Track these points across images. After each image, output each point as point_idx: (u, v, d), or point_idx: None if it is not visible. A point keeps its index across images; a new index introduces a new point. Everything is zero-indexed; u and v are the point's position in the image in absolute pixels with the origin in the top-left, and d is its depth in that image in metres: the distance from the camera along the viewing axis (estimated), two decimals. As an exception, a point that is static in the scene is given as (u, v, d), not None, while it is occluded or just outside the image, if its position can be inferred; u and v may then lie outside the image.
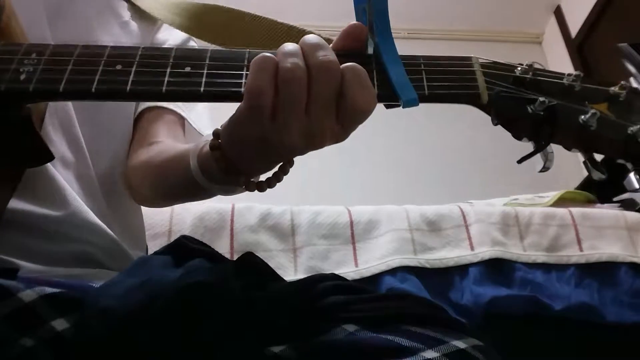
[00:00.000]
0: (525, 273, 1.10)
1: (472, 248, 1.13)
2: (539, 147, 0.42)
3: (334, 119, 0.39)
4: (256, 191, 0.47)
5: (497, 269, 1.11)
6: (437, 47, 2.92)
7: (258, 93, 0.38)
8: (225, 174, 0.46)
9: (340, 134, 0.41)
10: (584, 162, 0.43)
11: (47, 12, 0.56)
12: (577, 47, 2.74)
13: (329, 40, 0.43)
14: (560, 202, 1.47)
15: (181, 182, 0.52)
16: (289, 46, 0.40)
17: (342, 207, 1.19)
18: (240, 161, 0.44)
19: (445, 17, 2.98)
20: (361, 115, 0.40)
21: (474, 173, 2.57)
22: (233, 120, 0.42)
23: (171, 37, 0.73)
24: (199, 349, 0.40)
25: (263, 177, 0.48)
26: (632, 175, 0.42)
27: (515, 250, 1.14)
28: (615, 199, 1.59)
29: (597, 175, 0.42)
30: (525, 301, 1.05)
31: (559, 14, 2.94)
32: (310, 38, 0.40)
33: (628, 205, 1.45)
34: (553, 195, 1.52)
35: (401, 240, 1.11)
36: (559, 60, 2.89)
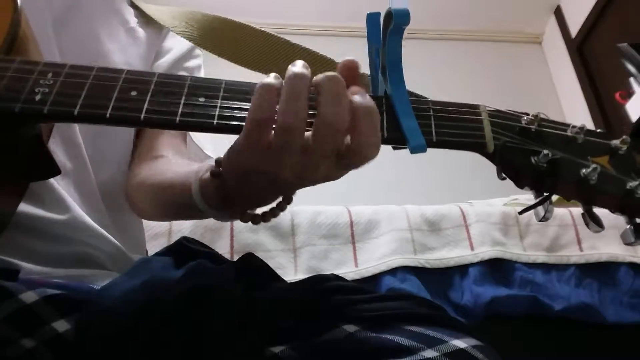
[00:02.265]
0: (525, 273, 1.10)
1: (472, 248, 1.13)
2: (542, 200, 0.43)
3: (333, 163, 0.39)
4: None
5: (497, 269, 1.11)
6: (438, 47, 2.93)
7: (258, 120, 0.37)
8: (222, 203, 0.45)
9: (335, 175, 0.41)
10: (582, 215, 0.44)
11: (53, 19, 0.56)
12: (577, 47, 2.74)
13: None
14: (561, 202, 1.47)
15: (181, 204, 0.51)
16: (297, 87, 0.37)
17: (342, 207, 1.19)
18: (237, 191, 0.43)
19: (445, 17, 2.97)
20: (362, 162, 0.39)
21: (474, 173, 2.57)
22: (233, 148, 0.41)
23: (178, 45, 0.72)
24: (200, 350, 0.40)
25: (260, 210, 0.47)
26: (628, 228, 0.43)
27: (515, 250, 1.14)
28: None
29: (595, 229, 0.43)
30: (525, 301, 1.05)
31: (559, 14, 2.94)
32: (331, 88, 0.37)
33: (627, 242, 1.45)
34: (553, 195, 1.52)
35: (401, 240, 1.12)
36: (559, 60, 2.89)
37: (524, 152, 0.43)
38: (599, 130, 0.45)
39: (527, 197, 1.60)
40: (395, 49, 0.42)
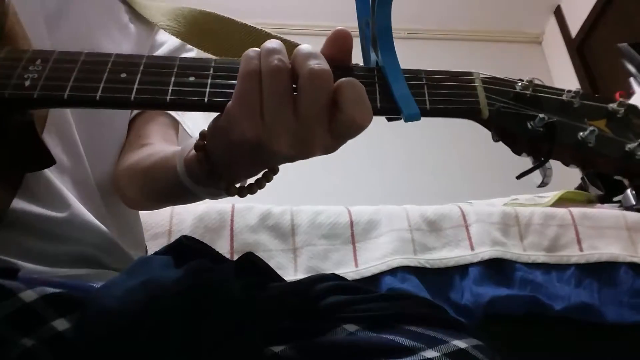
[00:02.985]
0: (525, 273, 1.10)
1: (472, 248, 1.13)
2: (538, 164, 0.43)
3: (326, 129, 0.39)
4: (236, 196, 0.46)
5: (497, 269, 1.11)
6: (437, 47, 2.93)
7: (245, 90, 0.37)
8: (207, 177, 0.45)
9: (330, 146, 0.40)
10: (582, 178, 0.44)
11: (46, 15, 0.56)
12: (577, 47, 2.74)
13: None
14: (560, 202, 1.47)
15: (168, 184, 0.52)
16: (272, 43, 0.39)
17: (342, 207, 1.19)
18: (223, 164, 0.44)
19: (445, 17, 2.98)
20: (355, 130, 0.39)
21: (474, 173, 2.57)
22: (220, 120, 0.41)
23: (170, 39, 0.73)
24: (200, 350, 0.40)
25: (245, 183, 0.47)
26: (629, 191, 0.43)
27: (515, 250, 1.14)
28: (615, 199, 1.59)
29: (595, 191, 0.43)
30: (525, 301, 1.05)
31: (559, 14, 2.94)
32: (304, 47, 0.40)
33: (628, 208, 1.45)
34: (553, 195, 1.52)
35: (401, 240, 1.12)
36: (559, 60, 2.89)
37: (520, 117, 0.43)
38: (595, 95, 0.45)
39: (527, 196, 1.60)
40: (384, 17, 0.42)
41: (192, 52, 0.74)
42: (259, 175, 0.46)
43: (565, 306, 1.05)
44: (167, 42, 0.73)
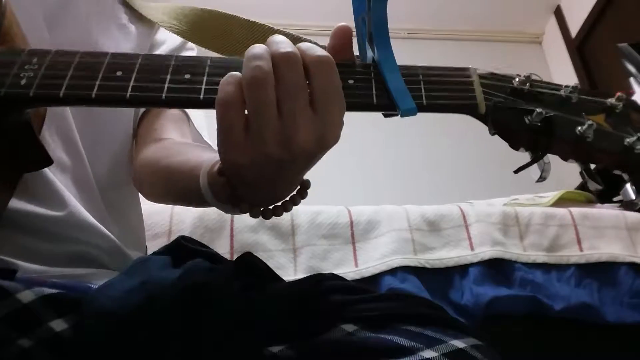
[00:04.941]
0: (525, 273, 1.10)
1: (472, 248, 1.13)
2: (536, 158, 0.43)
3: (308, 113, 0.37)
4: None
5: (497, 269, 1.11)
6: (437, 47, 2.93)
7: (225, 105, 0.37)
8: (229, 199, 0.45)
9: (323, 130, 0.38)
10: (581, 173, 0.44)
11: (45, 15, 0.56)
12: (577, 47, 2.74)
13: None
14: (560, 202, 1.47)
15: (190, 192, 0.51)
16: (255, 49, 0.38)
17: (342, 207, 1.19)
18: (241, 188, 0.43)
19: (445, 17, 2.98)
20: (333, 95, 0.38)
21: (474, 173, 2.57)
22: (218, 150, 0.40)
23: (171, 37, 0.73)
24: (199, 350, 0.40)
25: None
26: (628, 186, 0.43)
27: (515, 250, 1.14)
28: (615, 199, 1.59)
29: (594, 186, 0.43)
30: (525, 301, 1.05)
31: (559, 14, 2.94)
32: (273, 37, 0.39)
33: (628, 205, 1.45)
34: (553, 195, 1.52)
35: (401, 240, 1.11)
36: (559, 60, 2.89)
37: (517, 111, 0.42)
38: (593, 89, 0.45)
39: (527, 197, 1.60)
40: (380, 13, 0.42)
41: (193, 51, 0.75)
42: (287, 199, 0.45)
43: (565, 306, 1.05)
44: (167, 42, 0.73)
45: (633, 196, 0.42)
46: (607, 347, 1.09)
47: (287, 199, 0.45)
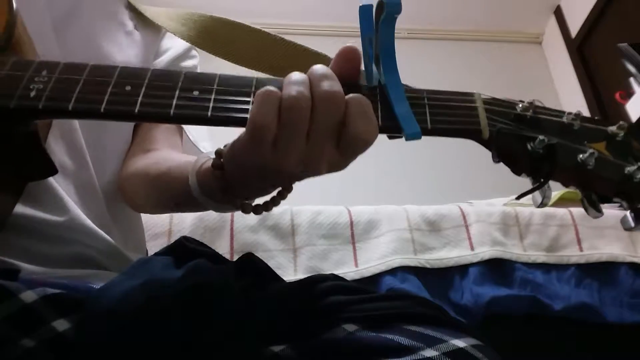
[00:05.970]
0: (525, 273, 1.10)
1: (472, 248, 1.13)
2: (538, 186, 0.43)
3: (334, 148, 0.39)
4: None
5: (497, 269, 1.11)
6: (437, 47, 2.93)
7: (261, 126, 0.38)
8: (222, 194, 0.46)
9: (339, 163, 0.41)
10: (581, 200, 0.44)
11: (54, 23, 0.56)
12: (577, 47, 2.74)
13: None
14: (560, 202, 1.47)
15: (177, 196, 0.52)
16: (296, 75, 0.39)
17: (342, 207, 1.19)
18: (239, 184, 0.44)
19: (445, 17, 2.98)
20: (362, 145, 0.40)
21: (474, 173, 2.57)
22: (236, 145, 0.42)
23: (175, 45, 0.73)
24: (199, 350, 0.40)
25: (261, 200, 0.48)
26: (628, 214, 0.43)
27: (515, 250, 1.14)
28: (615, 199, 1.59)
29: (594, 214, 0.43)
30: (525, 301, 1.05)
31: (559, 14, 2.94)
32: (317, 68, 0.40)
33: (627, 227, 1.45)
34: (553, 195, 1.52)
35: (401, 240, 1.12)
36: (559, 60, 2.89)
37: (520, 138, 0.43)
38: (595, 117, 0.45)
39: (526, 197, 1.60)
40: (388, 38, 0.42)
41: (195, 60, 0.75)
42: (274, 194, 0.47)
43: (565, 306, 1.05)
44: (172, 49, 0.73)
45: (632, 224, 0.43)
46: (607, 347, 1.09)
47: (275, 193, 0.47)
